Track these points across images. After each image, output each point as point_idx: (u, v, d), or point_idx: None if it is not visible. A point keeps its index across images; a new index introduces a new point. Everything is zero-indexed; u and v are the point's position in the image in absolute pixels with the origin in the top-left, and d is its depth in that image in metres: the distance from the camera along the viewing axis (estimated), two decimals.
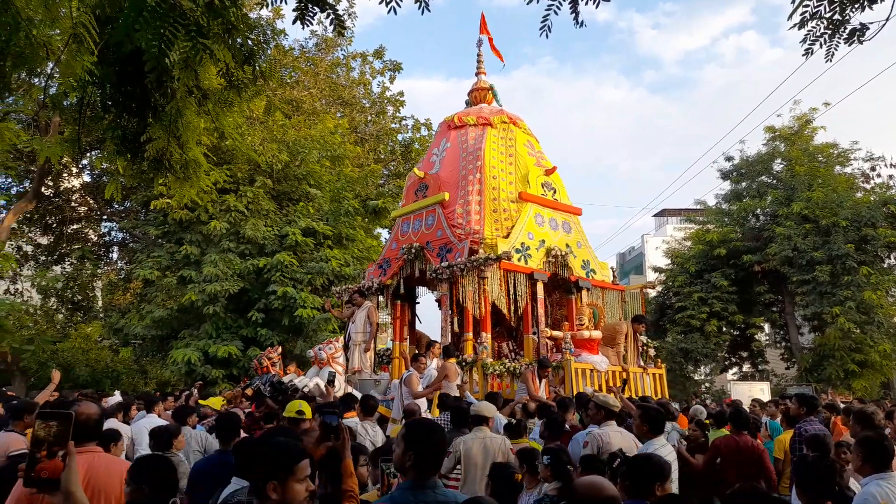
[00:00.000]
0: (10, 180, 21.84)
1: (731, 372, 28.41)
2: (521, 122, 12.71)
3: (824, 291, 21.63)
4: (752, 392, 19.24)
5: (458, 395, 7.91)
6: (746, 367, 27.37)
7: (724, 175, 26.58)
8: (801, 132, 24.97)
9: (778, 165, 25.58)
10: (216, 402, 8.69)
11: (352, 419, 6.21)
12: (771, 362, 26.64)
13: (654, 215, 49.68)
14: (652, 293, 28.23)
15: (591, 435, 5.18)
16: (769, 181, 25.59)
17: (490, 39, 13.56)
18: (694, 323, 24.07)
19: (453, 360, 8.87)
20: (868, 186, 24.42)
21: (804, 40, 4.53)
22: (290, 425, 5.08)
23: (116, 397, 9.92)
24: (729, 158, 26.35)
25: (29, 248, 23.22)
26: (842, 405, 10.25)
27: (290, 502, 2.32)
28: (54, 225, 23.06)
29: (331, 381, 8.89)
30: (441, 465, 2.79)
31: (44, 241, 23.46)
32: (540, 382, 8.92)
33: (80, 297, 22.98)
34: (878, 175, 24.22)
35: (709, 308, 24.02)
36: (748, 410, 8.73)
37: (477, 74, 13.62)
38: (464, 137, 12.29)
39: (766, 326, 27.89)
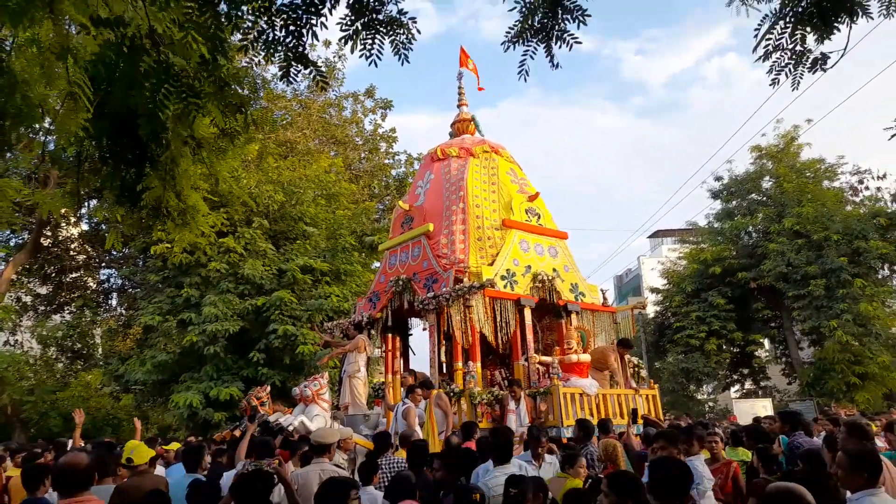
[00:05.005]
0: (8, 233, 22.05)
1: (733, 389, 28.30)
2: (504, 150, 12.89)
3: (820, 305, 21.75)
4: (754, 409, 19.19)
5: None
6: (748, 385, 27.32)
7: (715, 195, 26.87)
8: (787, 149, 25.35)
9: (766, 183, 25.90)
10: (175, 447, 8.75)
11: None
12: (773, 378, 26.60)
13: (649, 237, 50.04)
14: (650, 314, 28.33)
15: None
16: (759, 199, 25.89)
17: (474, 68, 13.78)
18: (693, 342, 24.12)
19: (437, 391, 8.93)
20: (857, 199, 24.73)
21: (770, 71, 4.74)
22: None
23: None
24: (718, 178, 26.69)
25: (28, 299, 23.30)
26: (846, 417, 10.29)
27: None
28: (53, 274, 23.18)
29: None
30: None
31: (43, 290, 23.54)
32: (516, 404, 9.07)
33: (80, 346, 22.98)
34: (867, 188, 24.58)
35: (707, 327, 24.10)
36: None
37: (459, 106, 13.85)
38: (447, 168, 12.42)
39: (766, 342, 27.91)
